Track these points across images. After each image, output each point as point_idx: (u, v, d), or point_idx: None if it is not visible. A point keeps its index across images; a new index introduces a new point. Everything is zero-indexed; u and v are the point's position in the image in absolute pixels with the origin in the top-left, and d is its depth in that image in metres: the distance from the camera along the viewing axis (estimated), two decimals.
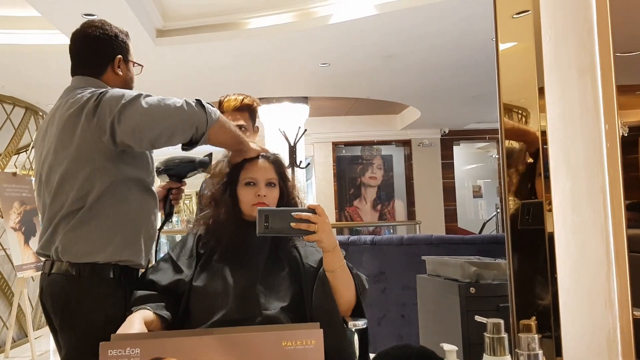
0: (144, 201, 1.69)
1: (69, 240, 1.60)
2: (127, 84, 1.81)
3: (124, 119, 1.54)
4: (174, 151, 1.75)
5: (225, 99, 2.42)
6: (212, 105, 1.63)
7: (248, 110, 2.43)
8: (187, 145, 1.62)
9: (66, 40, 4.34)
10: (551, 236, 0.89)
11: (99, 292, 1.59)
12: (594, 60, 0.85)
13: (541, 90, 0.92)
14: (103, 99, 1.58)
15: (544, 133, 0.92)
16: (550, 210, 0.90)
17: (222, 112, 2.36)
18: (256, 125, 2.52)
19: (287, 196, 1.69)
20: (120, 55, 1.78)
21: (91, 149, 1.59)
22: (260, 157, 1.69)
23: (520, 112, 1.02)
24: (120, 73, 1.78)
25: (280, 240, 1.65)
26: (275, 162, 1.70)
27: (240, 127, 2.32)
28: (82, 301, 1.59)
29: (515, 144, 1.03)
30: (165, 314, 1.51)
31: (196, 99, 1.59)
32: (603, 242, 0.84)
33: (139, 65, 1.88)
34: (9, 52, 4.64)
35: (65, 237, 1.60)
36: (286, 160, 1.80)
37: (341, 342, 1.48)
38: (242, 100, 2.41)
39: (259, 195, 1.63)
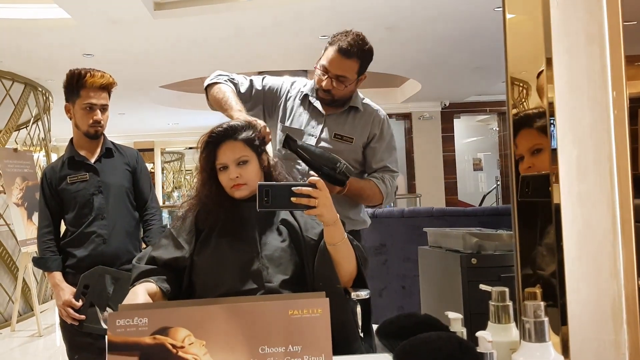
0: None
1: None
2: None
3: None
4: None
5: (90, 74, 2.28)
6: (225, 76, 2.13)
7: (108, 91, 2.36)
8: None
9: (63, 14, 4.31)
10: (557, 206, 0.89)
11: None
12: (603, 27, 0.84)
13: (549, 61, 0.91)
14: None
15: (551, 105, 0.91)
16: (556, 181, 0.90)
17: (84, 87, 2.27)
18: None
19: (266, 168, 1.67)
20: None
21: None
22: (226, 138, 1.65)
23: (523, 85, 1.01)
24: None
25: (279, 212, 1.65)
26: (245, 139, 1.66)
27: (103, 106, 2.30)
28: None
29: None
30: (167, 287, 1.53)
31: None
32: (609, 211, 0.84)
33: None
34: (6, 27, 4.58)
35: None
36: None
37: (343, 313, 1.49)
38: (109, 78, 2.31)
39: (231, 178, 1.62)
